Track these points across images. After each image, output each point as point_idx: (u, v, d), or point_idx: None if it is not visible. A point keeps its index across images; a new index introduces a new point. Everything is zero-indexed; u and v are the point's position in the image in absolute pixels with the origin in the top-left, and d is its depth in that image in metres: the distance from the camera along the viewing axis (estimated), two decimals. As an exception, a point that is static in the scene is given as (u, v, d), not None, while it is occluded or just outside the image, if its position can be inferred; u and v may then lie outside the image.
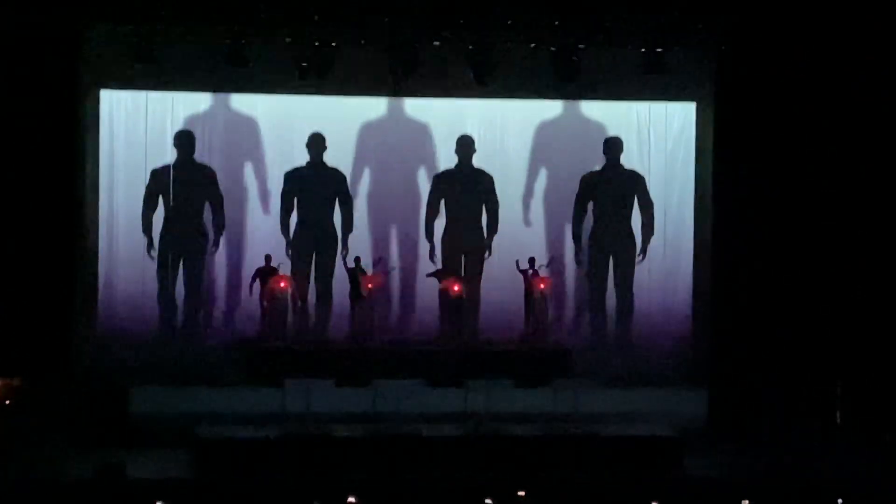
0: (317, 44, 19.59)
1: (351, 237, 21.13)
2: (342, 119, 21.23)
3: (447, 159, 21.43)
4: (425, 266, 21.33)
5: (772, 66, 20.20)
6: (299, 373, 19.16)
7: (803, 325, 20.41)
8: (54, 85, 19.51)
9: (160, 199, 20.86)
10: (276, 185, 21.18)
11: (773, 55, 20.15)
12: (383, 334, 20.78)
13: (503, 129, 21.56)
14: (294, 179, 21.19)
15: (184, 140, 20.92)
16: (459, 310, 20.72)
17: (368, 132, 21.36)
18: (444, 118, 21.44)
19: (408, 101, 21.22)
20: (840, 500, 14.83)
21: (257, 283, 20.70)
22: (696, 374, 20.81)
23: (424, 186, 21.44)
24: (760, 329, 20.39)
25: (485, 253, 21.41)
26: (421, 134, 21.46)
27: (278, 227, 21.05)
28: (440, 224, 21.39)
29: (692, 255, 21.45)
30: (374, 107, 21.31)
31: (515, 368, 19.94)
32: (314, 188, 21.20)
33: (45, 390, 18.87)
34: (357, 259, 20.84)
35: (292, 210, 21.15)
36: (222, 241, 21.00)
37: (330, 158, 21.16)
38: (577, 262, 21.57)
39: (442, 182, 21.43)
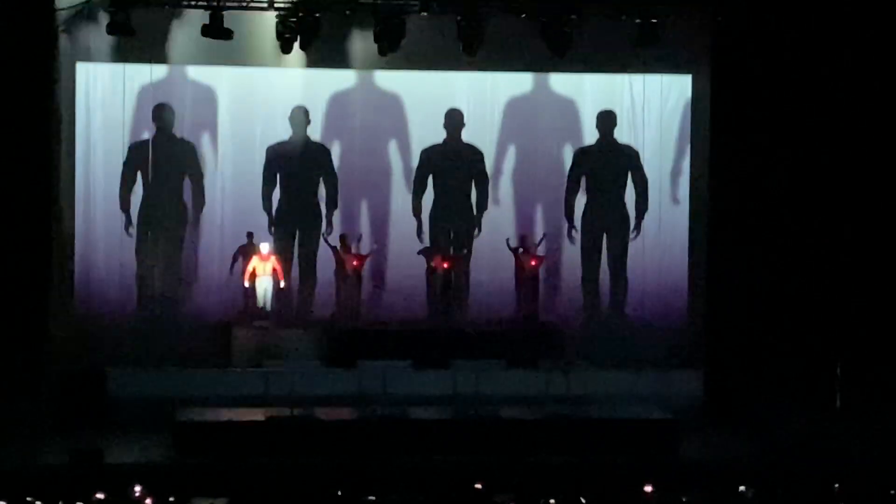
0: (300, 14, 19.14)
1: (335, 213, 20.80)
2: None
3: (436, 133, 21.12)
4: (412, 243, 20.94)
5: (768, 37, 19.92)
6: (282, 354, 18.78)
7: (801, 305, 20.16)
8: (28, 58, 19.06)
9: (138, 175, 20.49)
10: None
11: (769, 26, 19.86)
12: (369, 314, 20.44)
13: (493, 103, 21.16)
14: (276, 154, 20.80)
15: (163, 114, 20.53)
16: (447, 289, 20.41)
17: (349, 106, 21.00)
18: (432, 91, 21.05)
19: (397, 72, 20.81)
20: (836, 485, 14.44)
21: (239, 262, 20.37)
22: (691, 354, 20.60)
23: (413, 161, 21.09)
24: (757, 309, 20.14)
25: (474, 230, 21.13)
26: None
27: (260, 203, 20.72)
28: (428, 200, 21.02)
29: (687, 231, 21.19)
30: (347, 79, 20.89)
31: (506, 349, 19.70)
32: (297, 164, 20.86)
33: (20, 373, 18.49)
34: (342, 237, 20.53)
35: (274, 186, 20.80)
36: (202, 217, 20.63)
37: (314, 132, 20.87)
38: (570, 239, 21.19)
39: (429, 157, 21.07)
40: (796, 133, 20.13)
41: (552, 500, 13.36)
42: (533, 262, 20.49)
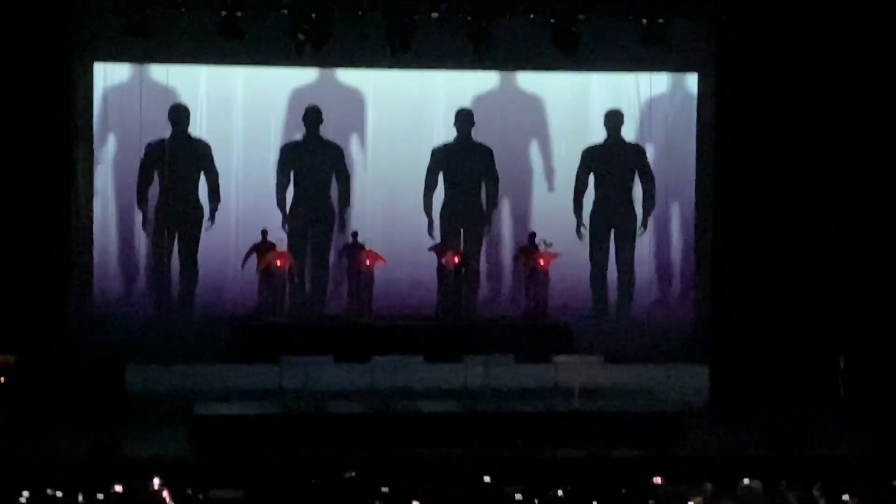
0: (313, 15, 19.31)
1: (348, 211, 20.99)
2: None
3: (447, 132, 21.30)
4: (424, 240, 21.13)
5: (774, 37, 20.01)
6: (296, 349, 18.99)
7: (806, 298, 20.27)
8: (46, 58, 19.25)
9: (155, 173, 20.70)
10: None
11: (774, 25, 19.97)
12: (381, 310, 20.59)
13: (503, 103, 21.33)
14: (290, 153, 21.02)
15: (179, 114, 20.74)
16: (458, 285, 20.57)
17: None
18: (444, 90, 21.28)
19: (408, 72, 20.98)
20: (840, 477, 14.59)
21: (253, 258, 20.56)
22: (698, 348, 20.70)
23: (425, 160, 21.27)
24: (762, 303, 20.24)
25: (484, 227, 21.32)
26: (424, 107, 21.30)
27: (274, 201, 20.92)
28: (439, 198, 21.22)
29: (693, 228, 21.32)
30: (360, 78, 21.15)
31: (515, 344, 19.80)
32: (311, 162, 21.04)
33: (39, 368, 18.64)
34: (354, 234, 20.72)
35: (288, 184, 21.00)
36: (217, 215, 20.82)
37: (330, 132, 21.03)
38: (578, 235, 21.40)
39: (440, 155, 21.25)
40: (801, 130, 20.20)
41: (559, 492, 13.40)
42: (541, 259, 20.65)
